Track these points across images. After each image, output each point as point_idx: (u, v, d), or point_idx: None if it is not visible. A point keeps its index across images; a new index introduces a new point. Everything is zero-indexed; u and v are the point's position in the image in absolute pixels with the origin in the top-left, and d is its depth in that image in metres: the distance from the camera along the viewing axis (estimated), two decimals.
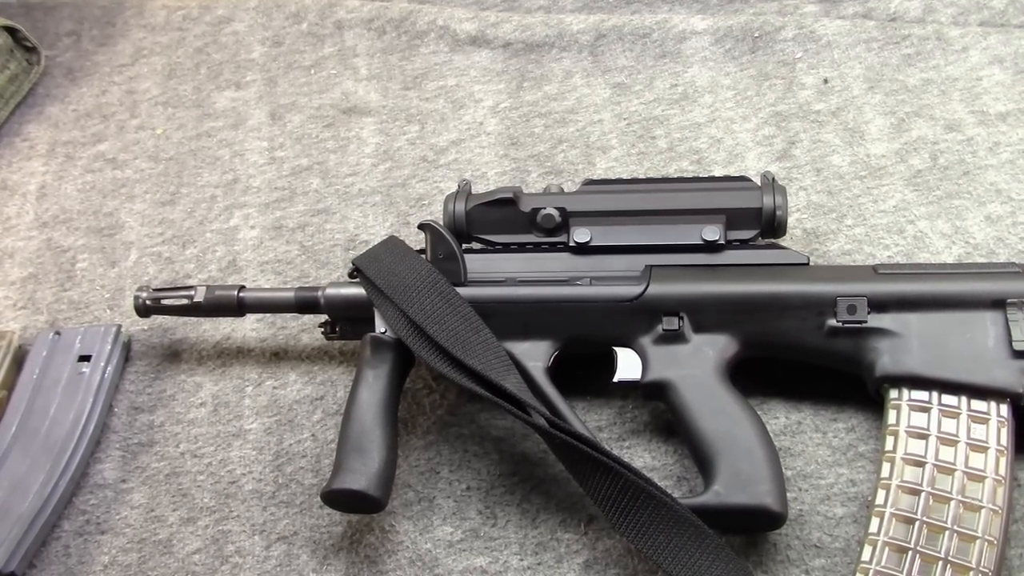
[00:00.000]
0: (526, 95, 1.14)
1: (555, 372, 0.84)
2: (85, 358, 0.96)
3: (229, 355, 0.98)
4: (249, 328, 1.00)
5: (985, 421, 0.76)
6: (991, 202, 0.95)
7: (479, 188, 1.05)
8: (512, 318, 0.86)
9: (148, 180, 1.14)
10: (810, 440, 0.84)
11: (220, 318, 0.99)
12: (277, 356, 0.97)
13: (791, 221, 0.97)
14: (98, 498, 0.90)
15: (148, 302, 0.94)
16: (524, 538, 0.82)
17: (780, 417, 0.85)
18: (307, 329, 0.98)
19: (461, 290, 0.86)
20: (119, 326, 0.99)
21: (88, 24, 1.33)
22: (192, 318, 1.00)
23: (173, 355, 0.99)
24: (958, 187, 0.97)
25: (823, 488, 0.81)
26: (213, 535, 0.86)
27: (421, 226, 0.88)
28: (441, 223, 0.89)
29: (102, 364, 0.96)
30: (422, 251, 0.89)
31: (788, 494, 0.80)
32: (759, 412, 0.85)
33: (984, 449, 0.75)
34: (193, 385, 0.97)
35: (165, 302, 0.94)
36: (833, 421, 0.85)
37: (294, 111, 1.18)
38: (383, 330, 0.87)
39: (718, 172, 1.03)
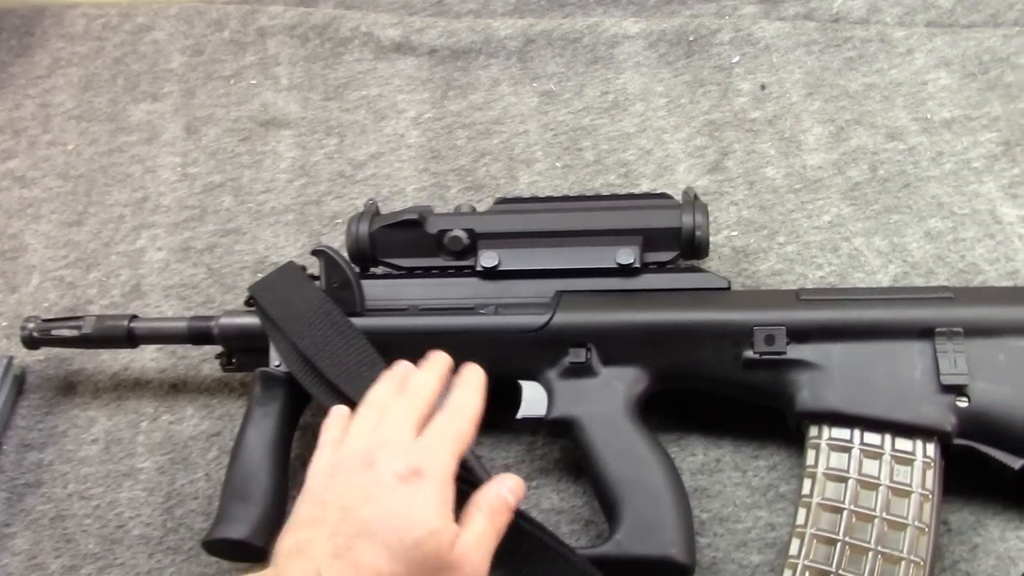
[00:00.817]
0: (451, 104, 1.08)
1: None
2: None
3: (126, 387, 0.93)
4: (149, 358, 0.94)
5: (910, 462, 0.70)
6: (932, 217, 0.89)
7: (396, 204, 1.00)
8: (411, 350, 0.80)
9: (56, 199, 1.09)
10: (729, 480, 0.78)
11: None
12: (175, 388, 0.92)
13: (719, 239, 0.91)
14: None
15: (36, 334, 0.88)
16: None
17: (698, 454, 0.79)
18: (208, 359, 0.92)
19: (357, 320, 0.80)
20: (10, 358, 0.93)
21: (6, 34, 1.27)
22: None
23: (68, 387, 0.94)
24: (897, 200, 0.90)
25: (740, 533, 0.75)
26: None
27: (315, 252, 0.82)
28: (340, 248, 0.84)
29: None
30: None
31: (702, 539, 0.75)
32: (676, 448, 0.80)
33: (907, 494, 0.69)
34: (86, 420, 0.91)
35: (55, 333, 0.88)
36: (754, 458, 0.79)
37: (210, 124, 1.12)
38: (277, 363, 0.81)
39: (646, 186, 0.96)
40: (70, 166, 1.12)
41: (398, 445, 0.62)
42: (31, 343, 0.89)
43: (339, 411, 0.68)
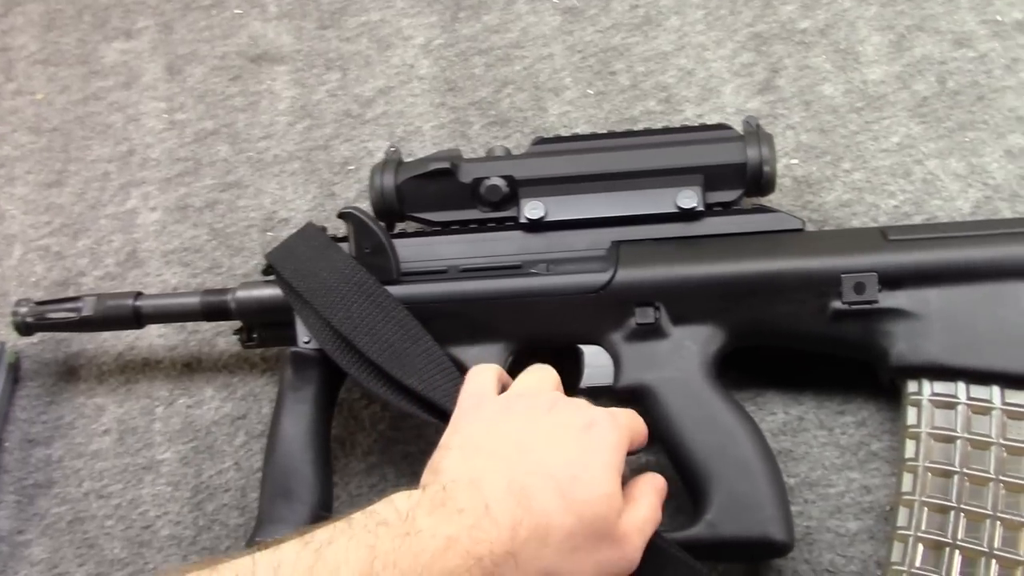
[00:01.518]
0: (463, 28, 0.97)
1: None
2: None
3: (134, 369, 0.84)
4: (156, 334, 0.85)
5: (1023, 417, 0.64)
6: (1011, 132, 0.80)
7: (414, 146, 0.90)
8: (457, 319, 0.72)
9: (30, 157, 0.98)
10: (814, 439, 0.71)
11: None
12: (189, 367, 0.83)
13: (779, 168, 0.82)
14: None
15: (29, 319, 0.79)
16: None
17: (778, 413, 0.73)
18: (223, 332, 0.84)
19: (393, 289, 0.72)
20: (2, 343, 0.84)
21: None
22: None
23: (69, 372, 0.85)
24: (972, 116, 0.82)
25: (832, 498, 0.69)
26: None
27: (342, 215, 0.73)
28: (365, 207, 0.75)
29: None
30: (346, 238, 0.74)
31: (793, 508, 0.68)
32: (753, 407, 0.73)
33: (1023, 452, 0.63)
34: (94, 408, 0.83)
35: (51, 316, 0.79)
36: (840, 415, 0.72)
37: (195, 62, 1.01)
38: (306, 339, 0.73)
39: (690, 111, 0.87)
40: (41, 118, 1.00)
41: (578, 401, 0.60)
42: (25, 329, 0.80)
43: (487, 367, 0.65)
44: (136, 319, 0.78)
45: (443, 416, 0.66)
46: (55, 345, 0.86)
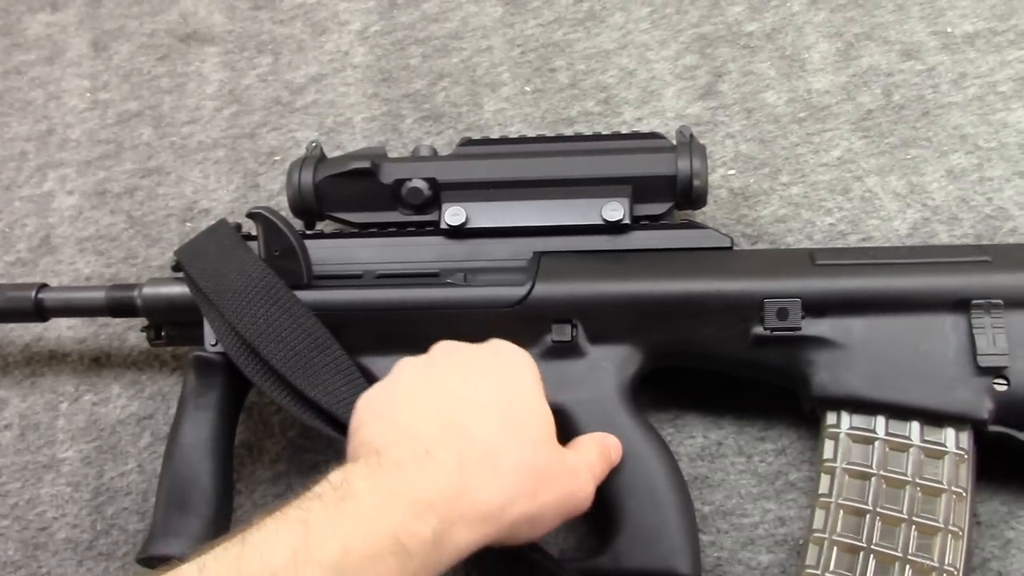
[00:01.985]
0: (401, 15, 0.93)
1: None
2: None
3: (40, 361, 0.81)
4: (65, 326, 0.82)
5: (941, 456, 0.62)
6: (954, 151, 0.78)
7: (343, 138, 0.87)
8: (368, 327, 0.69)
9: None
10: (732, 466, 0.69)
11: None
12: (98, 362, 0.80)
13: (715, 178, 0.80)
14: None
15: None
16: None
17: (697, 436, 0.71)
18: (134, 327, 0.81)
19: (304, 294, 0.69)
20: None
21: None
22: None
23: None
24: (915, 132, 0.79)
25: (746, 529, 0.67)
26: None
27: (251, 215, 0.70)
28: (281, 196, 0.72)
29: None
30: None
31: (704, 537, 0.67)
32: (672, 429, 0.71)
33: (938, 493, 0.61)
34: None
35: None
36: (760, 441, 0.70)
37: (122, 39, 0.97)
38: (213, 343, 0.70)
39: (629, 113, 0.84)
40: None
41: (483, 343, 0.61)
42: None
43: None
44: (39, 312, 0.75)
45: (345, 431, 0.63)
46: None
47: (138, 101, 0.93)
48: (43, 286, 0.75)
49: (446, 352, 0.59)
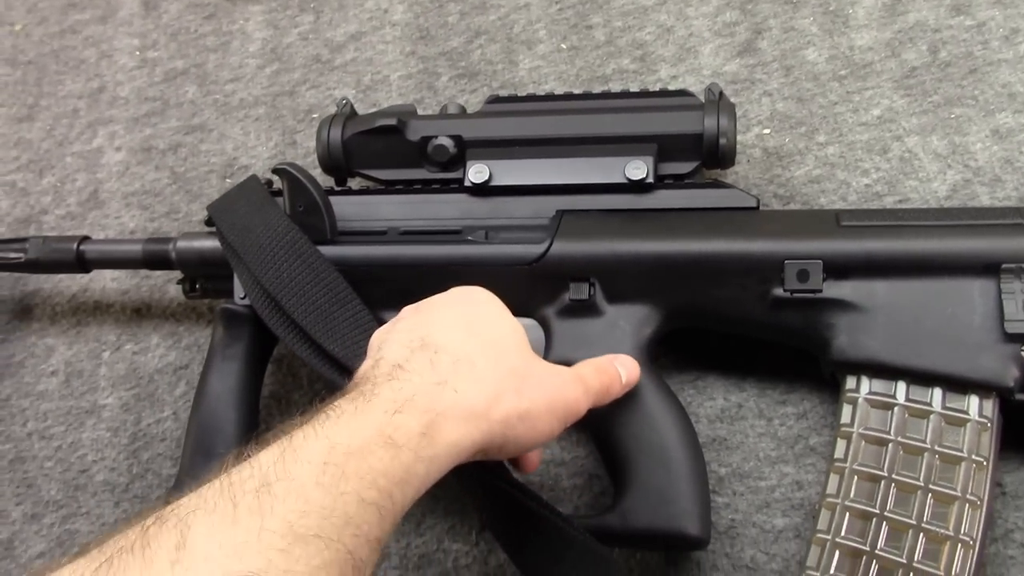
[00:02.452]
0: None
1: None
2: None
3: (85, 311, 0.84)
4: (110, 277, 0.85)
5: (962, 423, 0.60)
6: (1001, 111, 0.75)
7: (379, 96, 0.87)
8: (390, 283, 0.70)
9: (4, 90, 0.97)
10: (751, 429, 0.68)
11: None
12: (139, 314, 0.83)
13: (749, 137, 0.78)
14: None
15: None
16: (406, 548, 0.69)
17: (717, 398, 0.70)
18: (173, 279, 0.83)
19: (327, 249, 0.70)
20: None
21: None
22: None
23: (24, 311, 0.85)
24: (961, 90, 0.76)
25: (762, 492, 0.66)
26: (59, 535, 0.75)
27: (276, 170, 0.71)
28: (312, 164, 0.73)
29: None
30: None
31: (719, 498, 0.66)
32: (692, 390, 0.70)
33: (957, 461, 0.59)
34: (44, 349, 0.83)
35: (1, 256, 0.79)
36: (781, 404, 0.69)
37: None
38: (242, 296, 0.72)
39: (664, 71, 0.83)
40: (18, 50, 1.00)
41: None
42: None
43: None
44: (80, 263, 0.77)
45: None
46: (12, 283, 0.86)
47: (184, 59, 0.95)
48: (85, 239, 0.78)
49: (409, 308, 0.59)
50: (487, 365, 0.52)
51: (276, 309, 0.68)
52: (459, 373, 0.51)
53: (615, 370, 0.61)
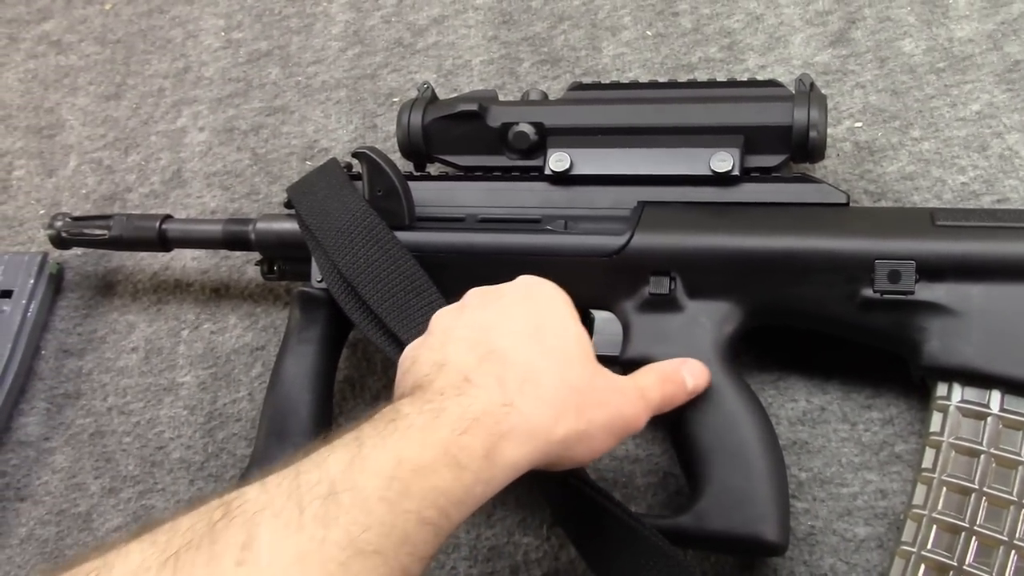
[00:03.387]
0: None
1: None
2: (6, 293, 0.84)
3: (166, 290, 0.85)
4: (190, 256, 0.86)
5: None
6: None
7: (460, 81, 0.87)
8: (467, 271, 0.69)
9: (93, 68, 0.99)
10: (834, 433, 0.66)
11: None
12: (217, 293, 0.84)
13: (840, 131, 0.76)
14: (20, 458, 0.80)
15: (64, 233, 0.81)
16: (476, 540, 0.69)
17: (799, 400, 0.68)
18: (252, 260, 0.83)
19: (405, 235, 0.69)
20: (45, 254, 0.86)
21: None
22: None
23: (107, 287, 0.87)
24: None
25: (844, 499, 0.64)
26: (135, 511, 0.76)
27: (356, 154, 0.71)
28: (391, 148, 0.72)
29: (24, 301, 0.84)
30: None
31: (799, 504, 0.65)
32: (773, 391, 0.68)
33: None
34: (126, 326, 0.84)
35: (83, 232, 0.80)
36: (866, 409, 0.66)
37: None
38: (319, 279, 0.72)
39: (752, 61, 0.81)
40: (108, 29, 1.01)
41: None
42: (60, 243, 0.81)
43: None
44: (162, 242, 0.78)
45: None
46: (96, 259, 0.88)
47: (268, 41, 0.95)
48: (167, 217, 0.78)
49: (476, 294, 0.58)
50: (551, 382, 0.52)
51: (352, 294, 0.68)
52: (525, 392, 0.50)
53: (681, 377, 0.60)
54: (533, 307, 0.56)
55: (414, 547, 0.44)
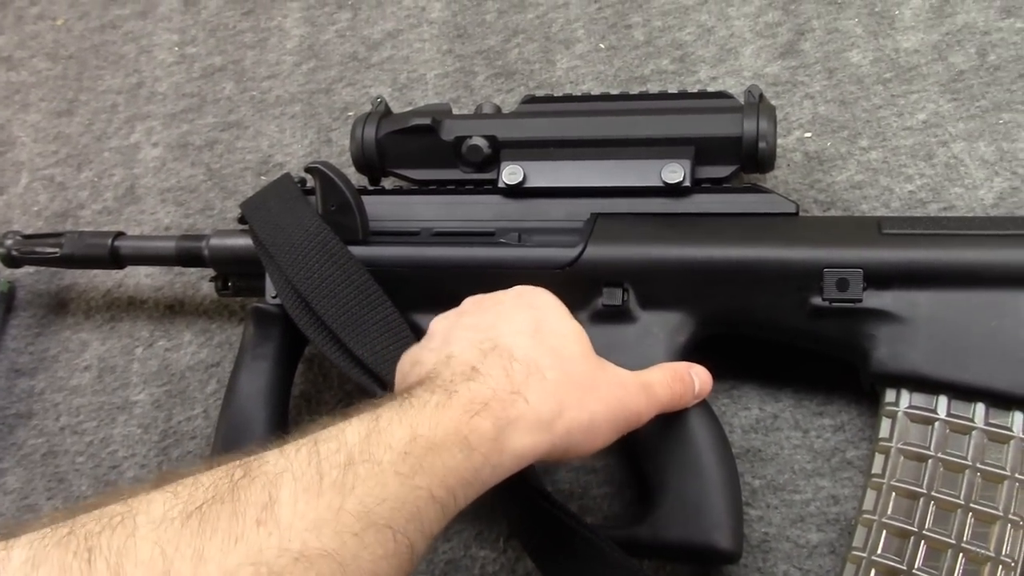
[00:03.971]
0: None
1: None
2: None
3: (120, 307, 0.84)
4: (144, 273, 0.85)
5: (1006, 440, 0.58)
6: None
7: (415, 94, 0.87)
8: (422, 285, 0.69)
9: (45, 84, 0.98)
10: (787, 440, 0.67)
11: None
12: (172, 310, 0.83)
13: (790, 141, 0.77)
14: None
15: (15, 252, 0.80)
16: (433, 554, 0.68)
17: (752, 408, 0.68)
18: (207, 276, 0.82)
19: (359, 250, 0.69)
20: None
21: None
22: None
23: (60, 305, 0.86)
24: (1010, 95, 0.74)
25: (797, 505, 0.65)
26: None
27: (308, 169, 0.71)
28: (346, 163, 0.72)
29: None
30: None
31: (752, 511, 0.65)
32: (727, 399, 0.69)
33: (1000, 479, 0.58)
34: (79, 344, 0.83)
35: (35, 251, 0.79)
36: (818, 416, 0.67)
37: None
38: (274, 295, 0.71)
39: (704, 72, 0.81)
40: (60, 45, 1.00)
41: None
42: (10, 262, 0.80)
43: None
44: (114, 259, 0.78)
45: (387, 388, 0.64)
46: (49, 277, 0.87)
47: (222, 56, 0.95)
48: (119, 234, 0.78)
49: (473, 301, 0.60)
50: (555, 376, 0.53)
51: (306, 309, 0.68)
52: (530, 384, 0.51)
53: (691, 379, 0.61)
54: (530, 309, 0.57)
55: (422, 524, 0.45)
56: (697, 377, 0.61)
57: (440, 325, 0.58)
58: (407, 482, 0.44)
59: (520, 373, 0.51)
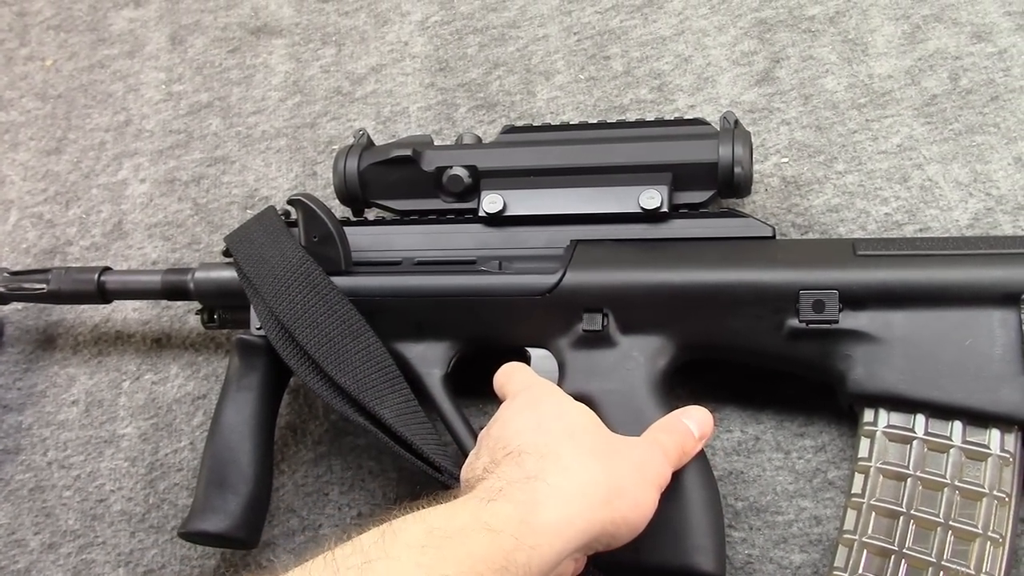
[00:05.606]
0: (461, 6, 0.94)
1: (455, 379, 0.69)
2: None
3: (107, 341, 0.85)
4: (131, 307, 0.86)
5: (983, 458, 0.59)
6: (1023, 138, 0.74)
7: (399, 127, 0.88)
8: (403, 314, 0.70)
9: (34, 123, 0.99)
10: (769, 462, 0.67)
11: None
12: (159, 344, 0.84)
13: (767, 166, 0.78)
14: None
15: (3, 288, 0.80)
16: None
17: (735, 431, 0.69)
18: (194, 309, 0.83)
19: (341, 280, 0.70)
20: None
21: None
22: None
23: (48, 341, 0.86)
24: (982, 118, 0.75)
25: (779, 527, 0.65)
26: (75, 565, 0.75)
27: (291, 202, 0.72)
28: (330, 195, 0.73)
29: None
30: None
31: (735, 533, 0.65)
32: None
33: (979, 497, 0.58)
34: (66, 379, 0.84)
35: (22, 287, 0.80)
36: (799, 437, 0.68)
37: (197, 32, 1.00)
38: (258, 327, 0.72)
39: (682, 100, 0.83)
40: (48, 84, 1.01)
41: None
42: None
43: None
44: (101, 294, 0.78)
45: (371, 417, 0.65)
46: (37, 313, 0.88)
47: (209, 92, 0.96)
48: (106, 269, 0.78)
49: (483, 431, 0.60)
50: (571, 454, 0.53)
51: (289, 340, 0.68)
52: (547, 468, 0.52)
53: (684, 426, 0.61)
54: (531, 409, 0.58)
55: None
56: (691, 420, 0.61)
57: (465, 470, 0.59)
58: (431, 572, 0.45)
59: (532, 462, 0.52)
